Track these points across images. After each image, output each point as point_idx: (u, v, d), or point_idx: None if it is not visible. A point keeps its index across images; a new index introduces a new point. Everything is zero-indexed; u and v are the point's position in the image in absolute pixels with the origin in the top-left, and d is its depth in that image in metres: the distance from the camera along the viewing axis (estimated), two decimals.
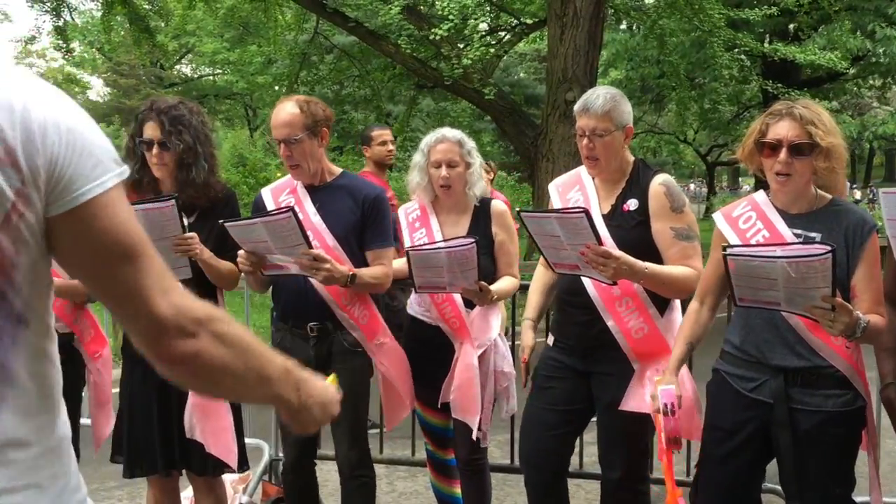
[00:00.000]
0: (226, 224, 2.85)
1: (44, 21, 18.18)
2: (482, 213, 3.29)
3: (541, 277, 3.18)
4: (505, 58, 16.65)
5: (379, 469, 4.46)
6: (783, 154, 2.42)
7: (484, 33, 13.37)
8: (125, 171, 1.11)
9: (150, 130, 2.91)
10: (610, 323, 2.83)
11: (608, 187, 2.91)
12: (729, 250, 2.29)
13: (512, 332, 4.06)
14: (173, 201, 2.72)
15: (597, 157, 2.83)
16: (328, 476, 3.83)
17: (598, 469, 3.12)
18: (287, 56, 15.55)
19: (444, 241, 3.14)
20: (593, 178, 2.98)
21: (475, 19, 11.71)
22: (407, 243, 3.30)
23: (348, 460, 3.18)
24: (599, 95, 2.82)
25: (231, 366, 1.17)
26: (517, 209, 2.78)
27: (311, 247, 2.83)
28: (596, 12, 10.03)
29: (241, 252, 2.92)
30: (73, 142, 1.05)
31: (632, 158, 2.95)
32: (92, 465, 3.35)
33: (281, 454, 3.95)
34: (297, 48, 15.02)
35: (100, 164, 1.07)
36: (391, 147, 5.37)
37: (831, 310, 2.19)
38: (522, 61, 24.53)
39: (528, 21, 13.77)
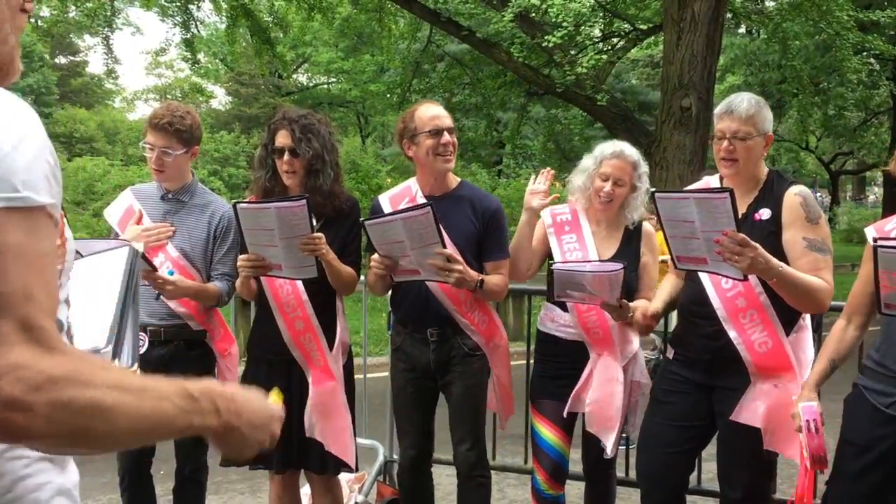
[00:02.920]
0: (365, 223, 2.94)
1: (173, 34, 19.19)
2: (635, 233, 3.23)
3: (666, 287, 3.12)
4: (617, 64, 16.43)
5: None
6: None
7: (597, 40, 13.23)
8: (20, 200, 0.99)
9: (282, 138, 3.04)
10: (732, 334, 2.75)
11: (740, 195, 2.81)
12: (881, 241, 2.21)
13: None
14: (304, 201, 2.80)
15: (735, 159, 2.76)
16: (439, 479, 3.87)
17: (717, 486, 3.04)
18: (400, 65, 15.87)
19: (592, 262, 3.08)
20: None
21: (588, 26, 11.61)
22: (554, 245, 3.23)
23: (467, 460, 3.20)
24: (744, 99, 2.78)
25: (91, 430, 1.00)
26: (651, 189, 2.70)
27: (444, 246, 2.87)
28: (715, 16, 9.76)
29: (374, 256, 3.00)
30: None
31: (767, 169, 2.87)
32: (215, 457, 3.49)
33: (395, 455, 4.02)
34: (409, 57, 15.29)
35: None
36: None
37: None
38: (635, 67, 24.08)
39: (643, 27, 13.55)
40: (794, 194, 2.74)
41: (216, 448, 1.22)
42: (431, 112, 3.11)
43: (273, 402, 1.31)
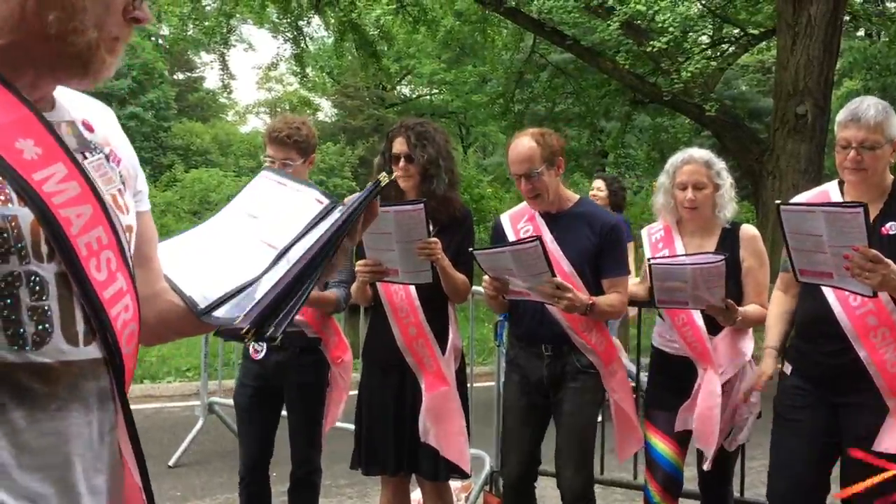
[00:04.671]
0: (474, 252, 2.98)
1: (284, 49, 19.87)
2: (730, 237, 3.17)
3: (779, 304, 3.02)
4: (726, 70, 15.96)
5: (595, 489, 4.42)
6: None
7: (705, 46, 12.90)
8: None
9: (399, 145, 3.15)
10: (862, 354, 2.63)
11: None
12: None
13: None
14: (422, 205, 2.87)
15: (864, 169, 2.65)
16: (544, 492, 3.85)
17: None
18: (502, 75, 15.89)
19: (690, 255, 3.04)
20: (842, 195, 2.80)
21: (696, 32, 11.34)
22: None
23: (571, 488, 3.16)
24: (870, 106, 2.66)
25: None
26: (776, 202, 2.63)
27: (554, 275, 2.87)
28: (833, 19, 9.36)
29: (486, 278, 3.03)
30: None
31: (892, 177, 2.75)
32: (324, 462, 3.57)
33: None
34: (512, 67, 15.30)
35: None
36: None
37: None
38: (745, 73, 23.30)
39: (754, 31, 13.12)
40: None
41: None
42: (514, 154, 3.13)
43: None
